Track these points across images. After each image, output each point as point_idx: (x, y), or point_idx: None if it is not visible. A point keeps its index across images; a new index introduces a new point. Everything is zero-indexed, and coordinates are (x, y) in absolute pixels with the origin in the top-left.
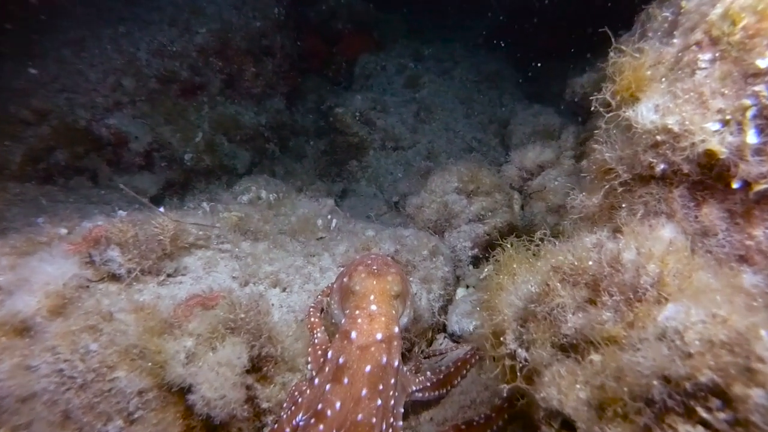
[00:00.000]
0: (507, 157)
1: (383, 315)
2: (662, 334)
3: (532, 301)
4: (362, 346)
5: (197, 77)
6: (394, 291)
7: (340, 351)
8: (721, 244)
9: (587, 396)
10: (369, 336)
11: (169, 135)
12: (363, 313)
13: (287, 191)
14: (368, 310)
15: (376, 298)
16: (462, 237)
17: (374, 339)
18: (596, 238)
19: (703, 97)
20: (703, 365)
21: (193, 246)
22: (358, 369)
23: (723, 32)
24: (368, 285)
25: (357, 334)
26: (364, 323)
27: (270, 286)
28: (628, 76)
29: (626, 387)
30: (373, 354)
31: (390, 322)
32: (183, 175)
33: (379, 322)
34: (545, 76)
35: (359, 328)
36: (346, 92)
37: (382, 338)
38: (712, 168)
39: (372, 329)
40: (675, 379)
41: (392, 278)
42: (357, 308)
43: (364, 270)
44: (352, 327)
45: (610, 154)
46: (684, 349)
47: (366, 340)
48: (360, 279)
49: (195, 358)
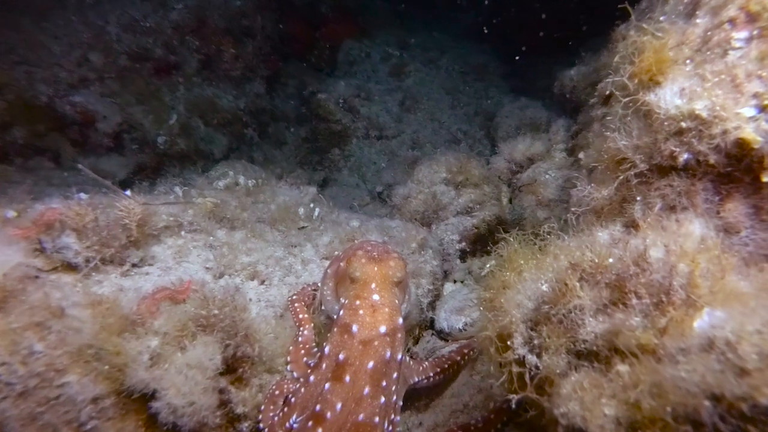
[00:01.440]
0: (493, 149)
1: (386, 305)
2: (709, 344)
3: (545, 302)
4: (365, 341)
5: (172, 56)
6: (396, 278)
7: (340, 346)
8: (744, 242)
9: (616, 413)
10: (372, 329)
11: (141, 116)
12: (364, 303)
13: (267, 178)
14: (370, 300)
15: (378, 287)
16: (450, 230)
17: (378, 332)
18: (610, 233)
19: (736, 80)
20: (764, 384)
21: (162, 233)
22: (361, 366)
23: (764, 6)
24: (369, 271)
25: (359, 328)
26: (367, 315)
27: (247, 279)
28: (649, 57)
29: (669, 406)
30: (377, 349)
31: (393, 312)
32: (155, 159)
33: (382, 314)
34: (531, 69)
35: (361, 321)
36: (329, 78)
37: (386, 331)
38: (741, 159)
39: (375, 321)
40: (729, 399)
41: (394, 263)
42: (357, 298)
43: (364, 255)
44: (353, 319)
45: (626, 142)
46: (739, 364)
47: (369, 334)
48: (360, 265)
49: (160, 359)
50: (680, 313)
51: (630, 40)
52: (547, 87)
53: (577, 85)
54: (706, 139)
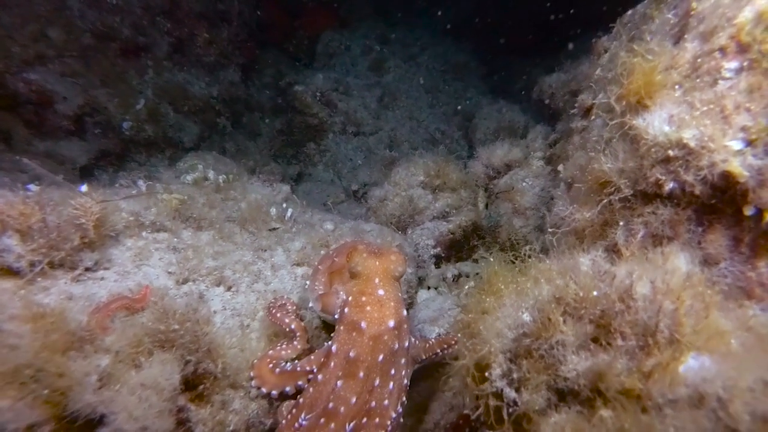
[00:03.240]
0: (470, 150)
1: (391, 299)
2: (699, 399)
3: (526, 335)
4: (374, 336)
5: (141, 37)
6: (398, 272)
7: (349, 344)
8: (723, 273)
9: None
10: (381, 324)
11: (105, 99)
12: (371, 299)
13: (238, 173)
14: (376, 295)
15: (382, 281)
16: (425, 234)
17: (387, 327)
18: (592, 260)
19: (725, 110)
20: None
21: (122, 233)
22: (372, 360)
23: (755, 38)
24: (371, 266)
25: (368, 324)
26: (374, 311)
27: (213, 285)
28: (638, 80)
29: None
30: (386, 342)
31: (398, 305)
32: (120, 145)
33: (389, 308)
34: (510, 70)
35: (369, 317)
36: (307, 69)
37: (395, 325)
38: (726, 191)
39: (383, 316)
40: None
41: (396, 258)
42: (362, 294)
43: (365, 249)
44: (361, 316)
45: (611, 165)
46: (732, 425)
47: (378, 329)
48: (362, 259)
49: (111, 380)
50: (666, 356)
51: (619, 60)
52: (524, 88)
53: (556, 92)
54: (693, 170)
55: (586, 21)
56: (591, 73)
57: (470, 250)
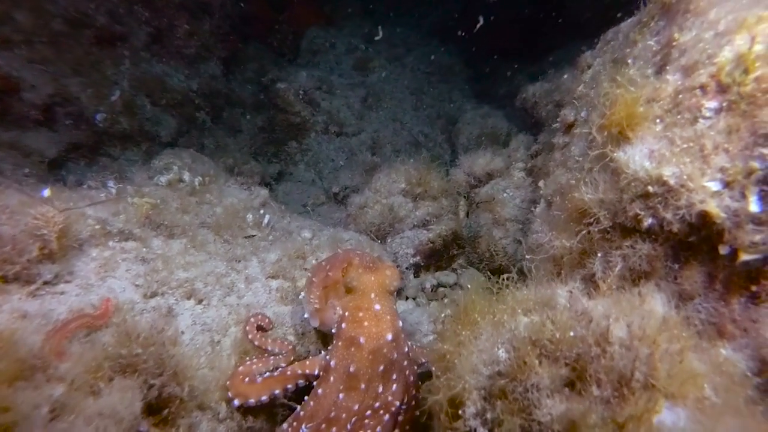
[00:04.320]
0: (453, 154)
1: (387, 313)
2: None
3: (501, 374)
4: (373, 350)
5: (117, 26)
6: (393, 287)
7: (348, 359)
8: (697, 309)
9: None
10: (379, 338)
11: (78, 89)
12: (368, 314)
13: (215, 174)
14: (372, 310)
15: (378, 296)
16: (405, 243)
17: (385, 340)
18: (569, 293)
19: (704, 150)
20: None
21: (86, 243)
22: (373, 372)
23: (734, 80)
24: (367, 281)
25: (366, 339)
26: (372, 326)
27: (183, 298)
28: (621, 111)
29: None
30: (385, 355)
31: (394, 318)
32: (93, 138)
33: (385, 322)
34: (494, 74)
35: (367, 332)
36: (291, 66)
37: (393, 338)
38: (702, 229)
39: (381, 331)
40: None
41: (391, 273)
42: (359, 309)
43: (360, 264)
44: (359, 332)
45: (591, 195)
46: None
47: (377, 344)
48: (357, 275)
49: (65, 410)
50: (640, 406)
51: (602, 90)
52: (508, 93)
53: (539, 101)
54: (672, 208)
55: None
56: (574, 88)
57: (450, 259)
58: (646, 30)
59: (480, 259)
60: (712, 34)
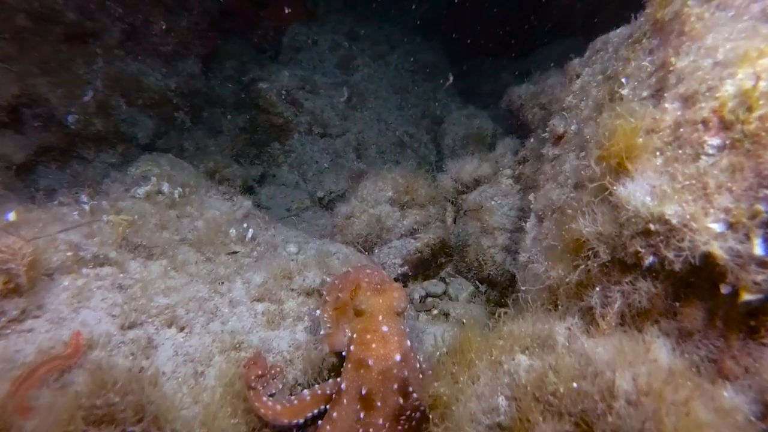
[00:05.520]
0: (438, 155)
1: (395, 334)
2: None
3: (502, 427)
4: (383, 371)
5: (89, 22)
6: (401, 308)
7: (359, 381)
8: (697, 345)
9: None
10: (387, 360)
11: (47, 89)
12: (375, 336)
13: (196, 184)
14: (380, 332)
15: (385, 318)
16: (393, 253)
17: (394, 361)
18: (568, 333)
19: (707, 189)
20: None
21: (57, 272)
22: (386, 390)
23: (737, 117)
24: (374, 303)
25: (375, 361)
26: (380, 347)
27: (163, 326)
28: (620, 142)
29: None
30: (396, 374)
31: (402, 338)
32: (65, 140)
33: (393, 343)
34: (479, 72)
35: (375, 354)
36: (272, 64)
37: (401, 358)
38: (704, 268)
39: (389, 352)
40: None
41: (398, 294)
42: (367, 331)
43: (368, 287)
44: (367, 354)
45: (590, 229)
46: None
47: (385, 365)
48: (365, 297)
49: None
50: None
51: (602, 122)
52: (493, 91)
53: (525, 104)
54: (674, 248)
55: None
56: (562, 98)
57: (438, 267)
58: (638, 47)
59: (468, 268)
60: (710, 62)
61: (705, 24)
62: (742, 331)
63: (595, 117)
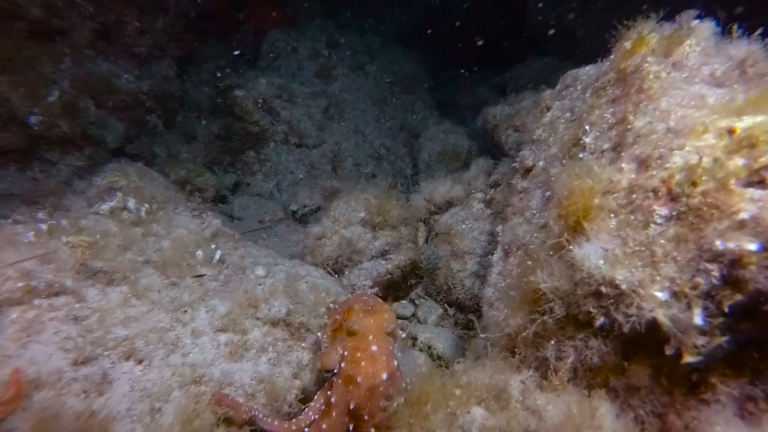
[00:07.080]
0: (414, 168)
1: (383, 353)
2: None
3: None
4: (370, 388)
5: (56, 19)
6: (390, 328)
7: (347, 396)
8: (643, 400)
9: None
10: (375, 377)
11: (7, 87)
12: (365, 355)
13: (164, 200)
14: (369, 351)
15: (375, 338)
16: (363, 275)
17: (381, 380)
18: (522, 385)
19: (654, 256)
20: None
21: (4, 304)
22: (372, 405)
23: (683, 191)
24: (366, 324)
25: (363, 378)
26: (368, 366)
27: (120, 359)
28: (578, 201)
29: None
30: (382, 392)
31: (390, 358)
32: (26, 141)
33: (381, 362)
34: (457, 84)
35: (364, 372)
36: (250, 70)
37: (388, 377)
38: (650, 331)
39: (376, 371)
40: None
41: (388, 316)
42: (357, 350)
43: (360, 309)
44: (356, 371)
45: (547, 284)
46: None
47: (373, 382)
48: (358, 319)
49: None
50: None
51: (561, 181)
52: (470, 104)
53: (499, 125)
54: (623, 313)
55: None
56: (533, 129)
57: (408, 289)
58: (603, 94)
59: (438, 291)
60: (663, 127)
61: (661, 84)
62: (685, 386)
63: (561, 158)
